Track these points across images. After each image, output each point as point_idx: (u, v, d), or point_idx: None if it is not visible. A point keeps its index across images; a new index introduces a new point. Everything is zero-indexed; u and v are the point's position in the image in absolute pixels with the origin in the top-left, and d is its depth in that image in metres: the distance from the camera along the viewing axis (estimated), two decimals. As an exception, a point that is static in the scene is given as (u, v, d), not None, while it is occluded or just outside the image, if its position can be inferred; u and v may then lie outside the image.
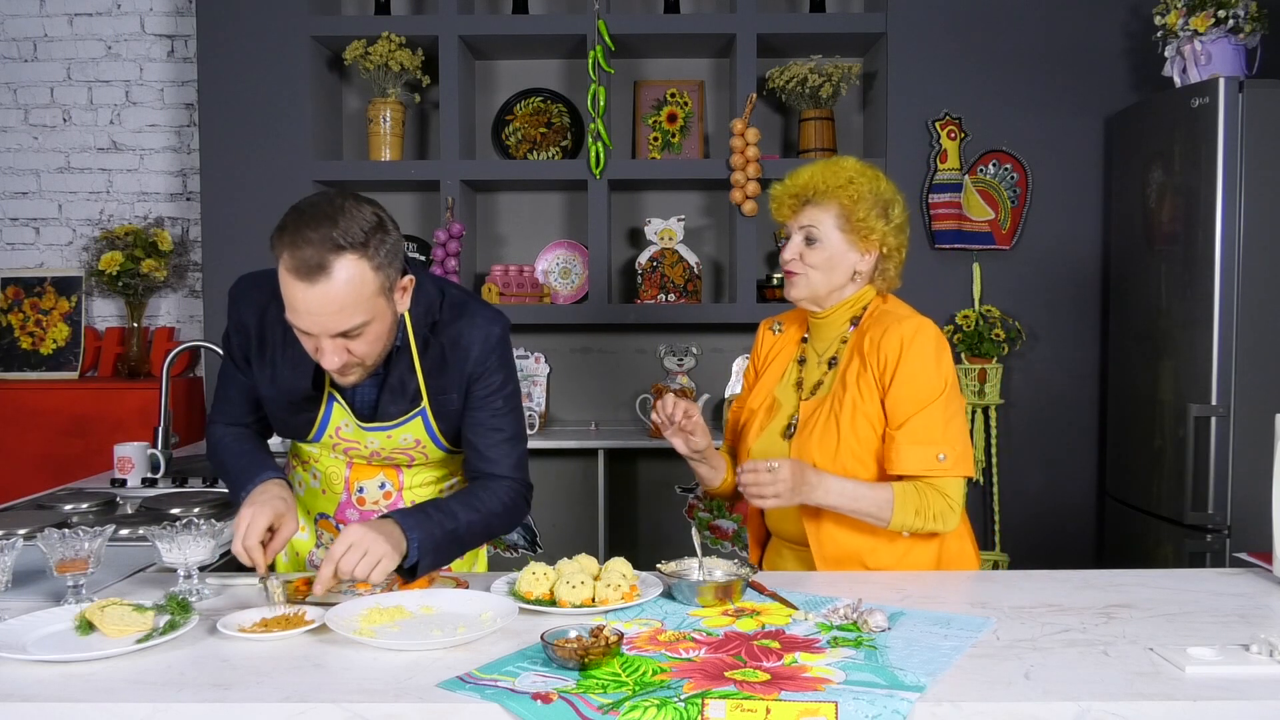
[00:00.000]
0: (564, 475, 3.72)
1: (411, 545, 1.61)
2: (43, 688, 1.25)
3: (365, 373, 1.66)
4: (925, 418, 1.78)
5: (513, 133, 3.79)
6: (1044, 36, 3.51)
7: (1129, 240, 3.30)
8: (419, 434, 1.81)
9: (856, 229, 1.85)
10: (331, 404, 1.78)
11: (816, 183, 1.87)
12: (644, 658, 1.34)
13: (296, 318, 1.55)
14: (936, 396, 1.78)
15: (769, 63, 3.64)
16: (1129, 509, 3.27)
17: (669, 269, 3.60)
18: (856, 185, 1.85)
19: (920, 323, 1.83)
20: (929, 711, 1.19)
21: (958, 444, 1.79)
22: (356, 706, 1.20)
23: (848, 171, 1.87)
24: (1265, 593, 1.66)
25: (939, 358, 1.81)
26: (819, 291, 1.89)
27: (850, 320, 1.92)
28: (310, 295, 1.50)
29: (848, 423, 1.82)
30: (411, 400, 1.77)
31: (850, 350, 1.88)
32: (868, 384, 1.82)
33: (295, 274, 1.50)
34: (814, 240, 1.87)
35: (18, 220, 4.01)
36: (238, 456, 1.82)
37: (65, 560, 1.53)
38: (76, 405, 3.64)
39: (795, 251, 1.89)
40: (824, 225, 1.87)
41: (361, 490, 1.90)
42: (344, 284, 1.51)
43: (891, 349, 1.80)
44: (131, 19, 3.94)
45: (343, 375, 1.63)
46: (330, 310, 1.52)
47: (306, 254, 1.49)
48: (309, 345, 1.59)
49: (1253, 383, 2.84)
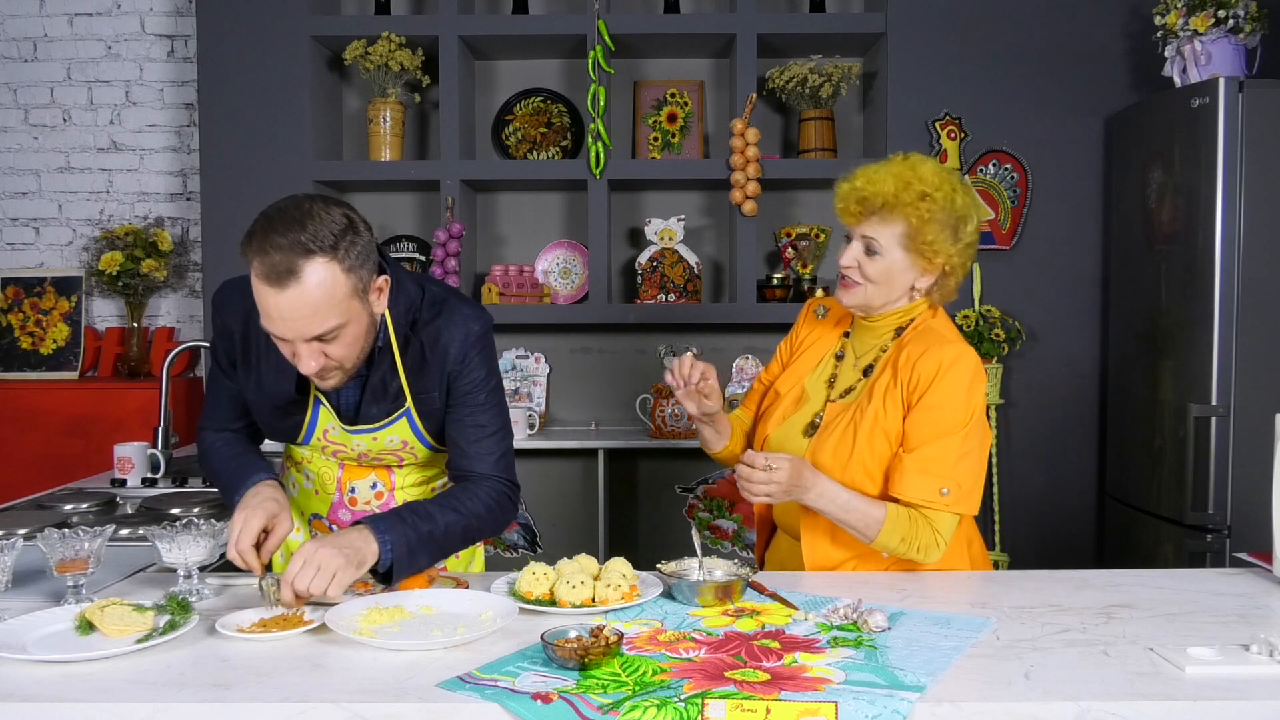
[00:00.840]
0: (564, 475, 3.72)
1: (385, 549, 1.58)
2: (43, 688, 1.25)
3: (345, 376, 1.65)
4: (939, 448, 1.72)
5: (513, 133, 3.79)
6: (1044, 36, 3.51)
7: (1129, 240, 3.30)
8: (405, 434, 1.80)
9: (921, 250, 1.76)
10: (317, 407, 1.77)
11: (887, 194, 1.75)
12: (644, 658, 1.34)
13: (270, 324, 1.54)
14: (958, 429, 1.72)
15: (769, 63, 3.64)
16: (1129, 509, 3.27)
17: (669, 269, 3.59)
18: (930, 202, 1.74)
19: (962, 350, 1.75)
20: (929, 711, 1.19)
21: (966, 481, 1.73)
22: (356, 706, 1.20)
23: (923, 183, 1.74)
24: (1265, 593, 1.66)
25: (971, 390, 1.74)
26: (873, 303, 1.82)
27: (895, 329, 1.86)
28: (282, 301, 1.49)
29: (865, 435, 1.77)
30: (394, 401, 1.76)
31: (886, 361, 1.82)
32: (894, 400, 1.77)
33: (266, 280, 1.49)
34: (875, 252, 1.78)
35: (18, 220, 4.01)
36: (228, 460, 1.81)
37: (65, 560, 1.53)
38: (76, 405, 3.64)
39: (854, 259, 1.79)
40: (887, 239, 1.77)
41: (353, 491, 1.90)
42: (315, 288, 1.49)
43: (927, 371, 1.74)
44: (131, 19, 3.94)
45: (322, 379, 1.62)
46: (303, 315, 1.51)
47: (276, 259, 1.47)
48: (286, 351, 1.58)
49: (1253, 383, 2.84)
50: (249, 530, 1.59)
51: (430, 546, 1.65)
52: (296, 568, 1.51)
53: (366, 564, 1.56)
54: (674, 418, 3.44)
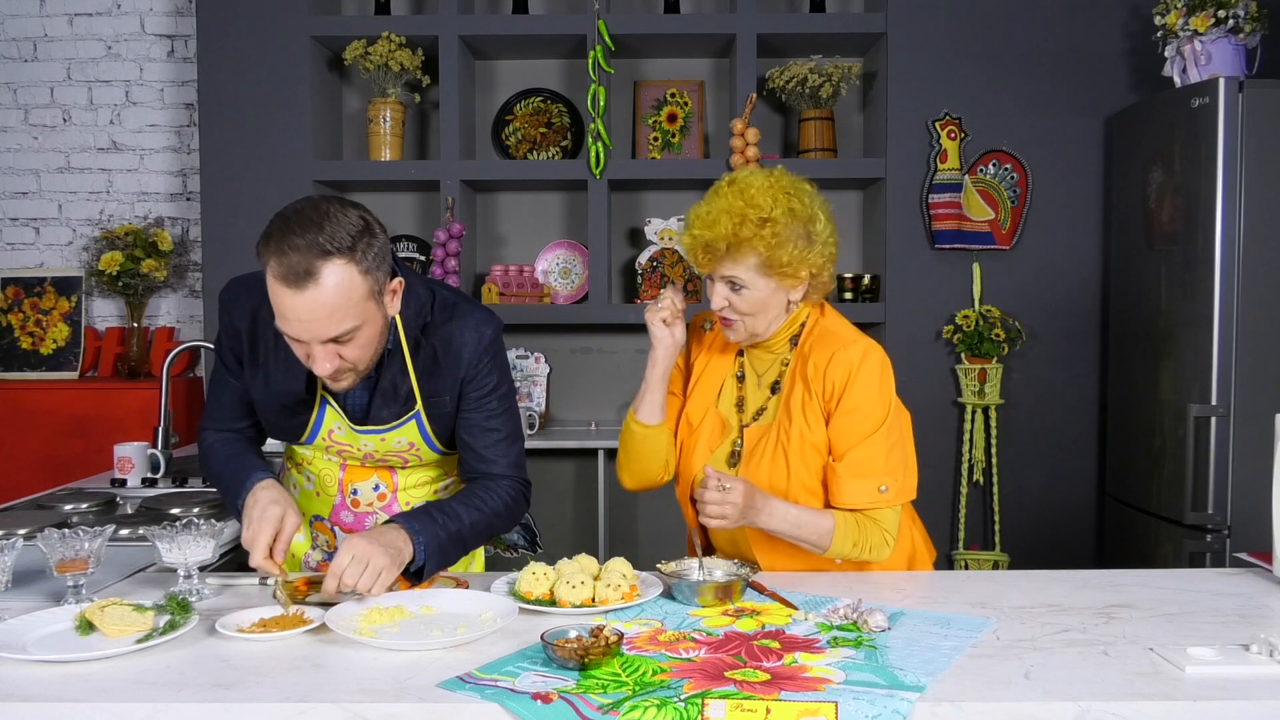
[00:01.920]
0: (564, 475, 3.72)
1: (418, 549, 1.62)
2: (43, 688, 1.25)
3: (358, 377, 1.65)
4: (867, 449, 1.74)
5: (513, 133, 3.79)
6: (1044, 36, 3.51)
7: (1129, 240, 3.30)
8: (413, 436, 1.80)
9: (783, 271, 1.73)
10: (324, 407, 1.77)
11: (727, 235, 1.71)
12: (644, 658, 1.34)
13: (286, 325, 1.54)
14: (878, 427, 1.74)
15: (769, 63, 3.64)
16: (1129, 509, 3.27)
17: (669, 269, 3.60)
18: (772, 225, 1.70)
19: (866, 346, 1.77)
20: (929, 711, 1.19)
21: (898, 473, 1.76)
22: (356, 706, 1.20)
23: (758, 209, 1.70)
24: (1265, 593, 1.66)
25: (883, 385, 1.76)
26: (758, 331, 1.81)
27: (789, 339, 1.86)
28: (299, 302, 1.49)
29: (796, 454, 1.78)
30: (404, 403, 1.76)
31: (792, 375, 1.82)
32: (814, 412, 1.77)
33: (283, 281, 1.48)
34: (740, 287, 1.76)
35: (18, 220, 4.01)
36: (226, 462, 1.81)
37: (65, 560, 1.54)
38: (76, 405, 3.64)
39: (723, 299, 1.78)
40: (746, 273, 1.74)
41: (355, 492, 1.90)
42: (333, 289, 1.49)
43: (838, 376, 1.75)
44: (131, 19, 3.94)
45: (335, 381, 1.62)
46: (320, 316, 1.50)
47: (294, 261, 1.47)
48: (300, 352, 1.58)
49: (1253, 383, 2.84)
50: (259, 546, 1.59)
51: (457, 544, 1.69)
52: (345, 562, 1.53)
53: (404, 562, 1.59)
54: (674, 418, 3.44)
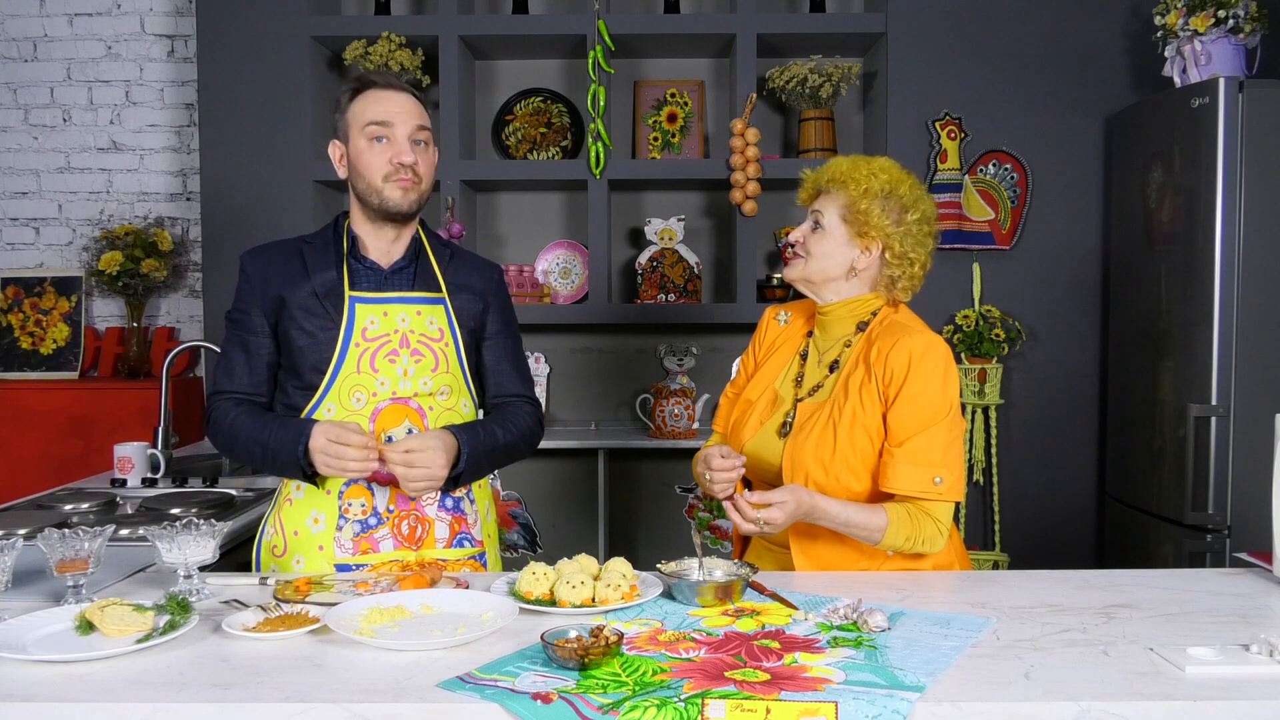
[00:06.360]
0: (564, 475, 3.72)
1: (463, 457, 1.82)
2: (43, 688, 1.25)
3: (420, 198, 1.89)
4: (927, 438, 1.74)
5: (513, 133, 3.79)
6: (1044, 36, 3.51)
7: (1129, 240, 3.30)
8: (443, 324, 1.93)
9: (857, 221, 1.84)
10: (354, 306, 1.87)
11: (835, 171, 1.87)
12: (644, 658, 1.34)
13: (386, 116, 1.85)
14: (941, 418, 1.75)
15: (769, 63, 3.64)
16: (1129, 509, 3.27)
17: (669, 269, 3.60)
18: (871, 179, 1.83)
19: (931, 339, 1.79)
20: (929, 711, 1.19)
21: (954, 469, 1.76)
22: (356, 706, 1.20)
23: (872, 166, 1.86)
24: (1265, 593, 1.66)
25: (946, 378, 1.77)
26: (813, 277, 1.89)
27: (856, 324, 1.89)
28: (398, 96, 1.88)
29: (845, 432, 1.79)
30: (433, 287, 1.95)
31: (855, 358, 1.85)
32: (871, 396, 1.79)
33: (385, 85, 1.88)
34: (819, 226, 1.88)
35: (18, 220, 4.01)
36: (265, 423, 1.84)
37: (65, 560, 1.54)
38: (76, 405, 3.64)
39: (800, 234, 1.91)
40: (830, 213, 1.87)
41: (389, 439, 1.86)
42: (416, 100, 1.91)
43: (900, 363, 1.76)
44: (131, 19, 3.94)
45: (406, 190, 1.86)
46: (412, 110, 1.88)
47: (390, 77, 1.91)
48: (386, 155, 1.84)
49: (1253, 383, 2.84)
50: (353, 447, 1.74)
51: (492, 458, 1.91)
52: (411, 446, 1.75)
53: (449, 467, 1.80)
54: (674, 417, 3.45)
